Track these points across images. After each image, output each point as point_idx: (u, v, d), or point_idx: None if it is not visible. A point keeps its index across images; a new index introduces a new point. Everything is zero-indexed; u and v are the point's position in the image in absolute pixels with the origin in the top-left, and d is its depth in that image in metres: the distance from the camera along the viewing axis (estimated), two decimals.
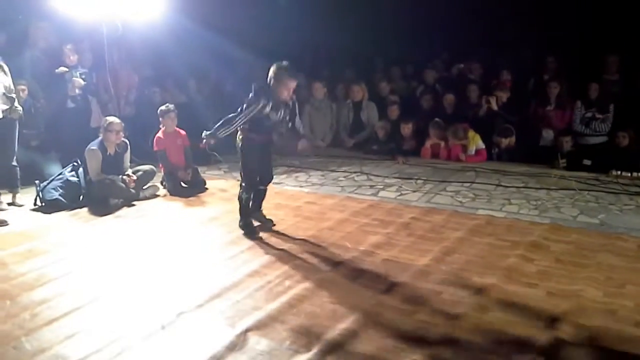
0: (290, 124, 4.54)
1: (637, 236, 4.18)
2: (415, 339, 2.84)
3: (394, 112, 7.57)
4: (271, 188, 5.90)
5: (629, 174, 5.83)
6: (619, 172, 5.91)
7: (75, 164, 5.73)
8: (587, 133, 6.74)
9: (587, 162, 6.29)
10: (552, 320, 2.96)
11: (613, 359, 2.63)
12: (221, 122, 4.37)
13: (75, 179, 5.60)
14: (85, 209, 5.31)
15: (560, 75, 7.31)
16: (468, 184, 5.81)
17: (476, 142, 6.87)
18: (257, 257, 3.96)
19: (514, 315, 3.05)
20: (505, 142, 6.79)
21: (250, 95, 4.35)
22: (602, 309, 3.10)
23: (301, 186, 6.02)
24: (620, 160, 6.04)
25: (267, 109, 4.28)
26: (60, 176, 5.58)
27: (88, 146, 5.49)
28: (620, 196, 5.25)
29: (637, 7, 7.29)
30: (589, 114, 6.74)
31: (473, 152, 6.87)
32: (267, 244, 4.23)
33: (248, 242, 4.27)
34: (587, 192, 5.38)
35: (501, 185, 5.71)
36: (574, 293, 3.27)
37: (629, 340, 2.78)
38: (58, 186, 5.44)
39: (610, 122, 6.68)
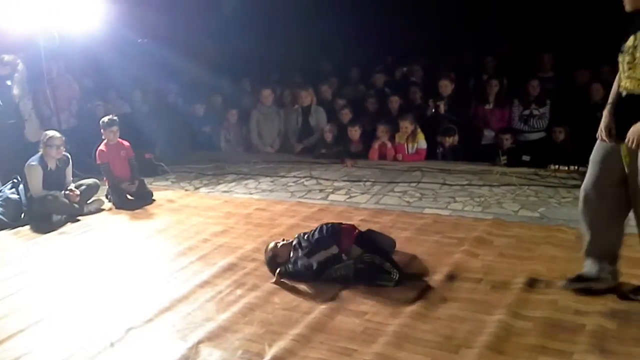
0: None
1: (576, 227, 4.34)
2: (366, 339, 2.88)
3: (346, 115, 7.64)
4: (220, 196, 5.92)
5: (566, 168, 6.07)
6: (556, 167, 6.15)
7: (15, 180, 5.55)
8: (526, 130, 6.99)
9: (526, 158, 6.51)
10: (497, 313, 3.06)
11: (556, 346, 2.74)
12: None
13: (15, 196, 5.43)
14: (27, 227, 5.14)
15: (499, 74, 7.55)
16: (415, 184, 5.93)
17: (419, 141, 7.01)
18: (208, 268, 3.93)
19: (462, 310, 3.14)
20: (449, 141, 6.96)
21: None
22: (544, 299, 3.22)
23: (251, 193, 6.01)
24: (558, 155, 6.29)
25: None
26: (0, 194, 5.39)
27: (28, 162, 5.33)
28: (558, 189, 5.46)
29: (568, 5, 7.61)
30: (527, 112, 6.99)
31: (414, 151, 7.02)
32: (218, 254, 4.20)
33: (198, 253, 4.23)
34: (527, 187, 5.58)
35: (446, 184, 5.85)
36: (517, 285, 3.39)
37: (566, 328, 2.89)
38: None
39: (547, 119, 6.95)
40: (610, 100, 3.13)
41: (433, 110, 7.26)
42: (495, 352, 2.71)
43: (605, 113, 3.09)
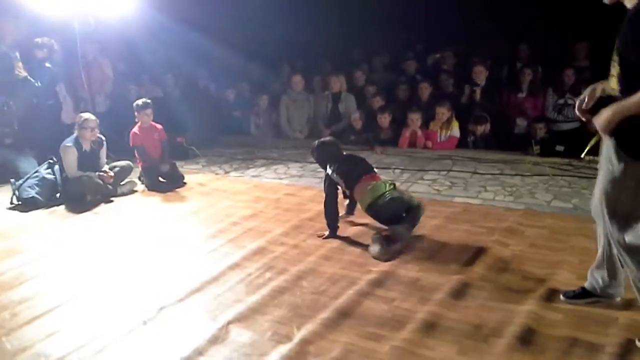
0: None
1: None
2: (395, 326, 2.89)
3: (377, 102, 7.61)
4: (250, 181, 5.97)
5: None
6: (591, 157, 6.01)
7: (51, 161, 5.68)
8: (560, 119, 6.86)
9: (560, 148, 6.39)
10: (527, 303, 3.03)
11: (587, 338, 2.70)
12: None
13: (51, 176, 5.55)
14: (62, 207, 5.27)
15: (533, 62, 7.41)
16: (445, 172, 5.88)
17: (452, 129, 6.94)
18: (238, 250, 3.98)
19: (491, 300, 3.12)
20: (480, 129, 6.87)
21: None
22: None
23: (280, 178, 6.04)
24: (592, 146, 6.15)
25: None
26: (36, 174, 5.53)
27: (63, 143, 5.45)
28: (592, 180, 5.30)
29: None
30: (562, 101, 6.85)
31: (446, 139, 6.95)
32: (247, 237, 4.25)
33: (228, 236, 4.29)
34: (560, 177, 5.49)
35: (477, 173, 5.79)
36: (548, 277, 3.35)
37: (598, 321, 2.85)
38: (34, 184, 5.39)
39: None
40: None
41: (468, 97, 7.15)
42: (525, 343, 2.69)
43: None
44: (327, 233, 4.20)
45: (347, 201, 4.57)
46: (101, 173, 5.50)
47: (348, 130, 7.71)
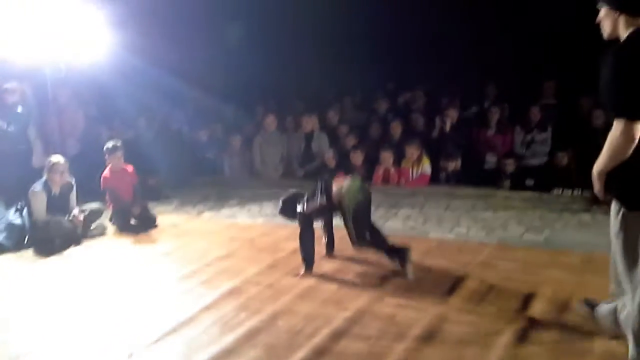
0: None
1: (581, 251, 4.34)
2: None
3: (350, 141, 7.69)
4: (224, 221, 5.92)
5: (570, 192, 6.08)
6: (560, 191, 6.16)
7: (19, 205, 5.55)
8: (528, 155, 7.02)
9: (529, 182, 6.53)
10: (504, 337, 3.03)
11: None
12: None
13: (19, 221, 5.42)
14: (30, 251, 5.13)
15: (500, 101, 7.62)
16: (418, 208, 5.92)
17: (424, 166, 7.03)
18: (212, 291, 3.91)
19: (468, 334, 3.11)
20: (452, 165, 6.97)
21: None
22: (553, 323, 3.19)
23: (254, 218, 6.00)
24: (561, 180, 6.30)
25: None
26: (4, 219, 5.40)
27: (32, 187, 5.34)
28: (563, 213, 5.45)
29: (570, 34, 7.69)
30: (529, 137, 7.03)
31: (418, 176, 7.03)
32: (222, 277, 4.18)
33: (201, 277, 4.22)
34: (531, 211, 5.57)
35: (450, 209, 5.84)
36: (523, 310, 3.36)
37: (574, 353, 2.86)
38: (1, 229, 5.25)
39: (549, 144, 6.98)
40: None
41: (439, 130, 7.28)
42: None
43: None
44: (302, 271, 4.16)
45: (325, 239, 4.55)
46: (71, 217, 5.40)
47: (322, 169, 7.74)
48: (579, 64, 7.40)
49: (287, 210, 4.53)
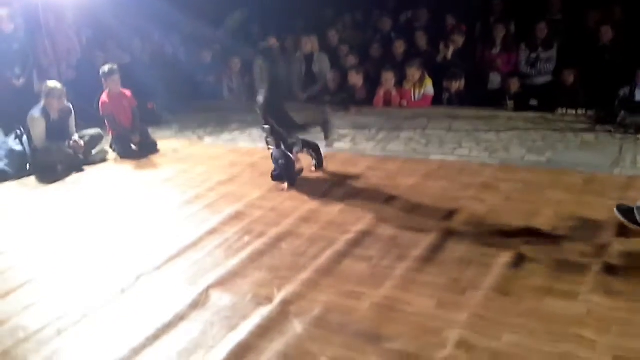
0: None
1: (583, 171, 4.33)
2: (374, 283, 2.91)
3: (350, 61, 7.52)
4: (224, 145, 5.90)
5: (574, 112, 6.00)
6: (564, 110, 6.08)
7: (18, 132, 5.52)
8: (533, 74, 6.87)
9: (533, 102, 6.42)
10: (503, 256, 3.08)
11: (561, 287, 2.77)
12: None
13: (19, 147, 5.41)
14: (32, 178, 5.15)
15: (506, 17, 7.37)
16: (420, 130, 5.88)
17: (426, 87, 6.91)
18: (215, 215, 3.95)
19: (468, 253, 3.16)
20: (455, 85, 6.85)
21: None
22: (550, 242, 3.23)
23: (255, 142, 5.97)
24: (566, 99, 6.20)
25: None
26: (4, 146, 5.38)
27: (30, 113, 5.29)
28: (566, 134, 5.40)
29: None
30: (534, 55, 6.85)
31: (421, 97, 6.93)
32: (224, 202, 4.22)
33: (204, 201, 4.25)
34: (534, 131, 5.52)
35: (452, 130, 5.80)
36: (523, 230, 3.40)
37: (572, 269, 2.92)
38: (2, 156, 5.25)
39: (555, 62, 6.81)
40: None
41: (444, 56, 7.10)
42: (501, 294, 2.74)
43: None
44: (285, 185, 4.32)
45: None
46: (72, 142, 5.38)
47: (324, 92, 7.63)
48: None
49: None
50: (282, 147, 4.51)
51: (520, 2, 7.68)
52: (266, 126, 4.62)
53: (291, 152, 4.54)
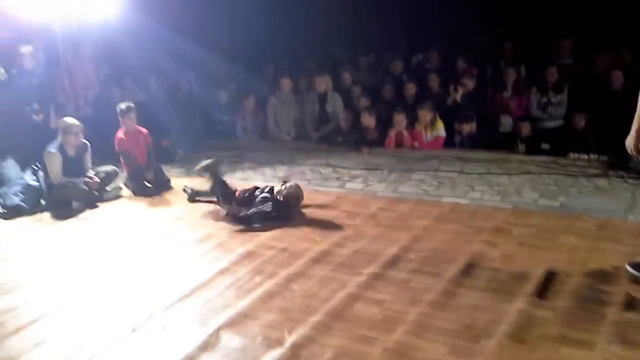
0: None
1: (596, 216, 4.31)
2: (386, 328, 2.88)
3: (363, 102, 7.61)
4: (238, 184, 5.93)
5: (586, 156, 6.01)
6: (576, 155, 6.09)
7: (35, 167, 5.60)
8: (544, 118, 6.91)
9: (545, 146, 6.45)
10: (517, 302, 3.04)
11: (577, 336, 2.72)
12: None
13: (36, 183, 5.47)
14: (47, 214, 5.19)
15: (517, 61, 7.46)
16: (432, 172, 5.89)
17: (438, 129, 6.96)
18: (226, 255, 3.95)
19: (481, 299, 3.13)
20: (466, 128, 6.90)
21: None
22: (566, 289, 3.20)
23: (267, 181, 6.00)
24: (577, 143, 6.21)
25: None
26: (21, 181, 5.45)
27: (47, 148, 5.37)
28: (578, 178, 5.40)
29: None
30: (545, 99, 6.91)
31: (432, 139, 6.97)
32: (236, 241, 4.22)
33: (216, 240, 4.26)
34: (546, 175, 5.52)
35: (464, 172, 5.81)
36: (537, 275, 3.37)
37: (587, 318, 2.88)
38: (19, 191, 5.31)
39: (565, 106, 6.86)
40: None
41: (454, 99, 7.16)
42: (516, 342, 2.70)
43: None
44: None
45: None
46: (86, 179, 5.44)
47: (336, 132, 7.71)
48: (596, 21, 7.24)
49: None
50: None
51: (531, 47, 7.81)
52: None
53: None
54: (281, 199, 4.76)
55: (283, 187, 4.86)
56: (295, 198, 4.82)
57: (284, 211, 4.70)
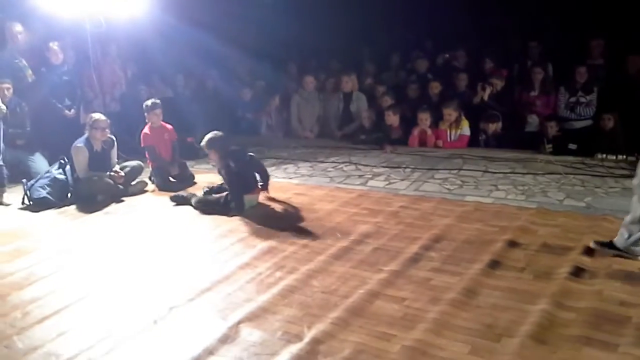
0: None
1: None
2: (406, 325, 2.87)
3: (386, 102, 7.59)
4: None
5: (614, 157, 5.89)
6: (604, 156, 5.97)
7: (62, 161, 5.70)
8: (572, 118, 6.80)
9: (572, 146, 6.34)
10: (540, 302, 3.00)
11: (600, 337, 2.67)
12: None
13: (62, 176, 5.57)
14: (73, 207, 5.28)
15: (544, 60, 7.35)
16: (456, 171, 5.84)
17: (462, 128, 6.90)
18: (248, 249, 3.97)
19: (503, 299, 3.09)
20: (492, 127, 6.83)
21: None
22: (589, 290, 3.14)
23: (290, 178, 6.03)
24: (605, 144, 6.10)
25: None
26: (48, 174, 5.55)
27: (74, 143, 5.46)
28: (605, 179, 5.30)
29: None
30: (574, 99, 6.79)
31: (457, 138, 6.91)
32: (258, 236, 4.24)
33: (238, 235, 4.29)
34: (573, 176, 5.43)
35: (488, 172, 5.75)
36: (560, 276, 3.31)
37: (612, 320, 2.82)
38: (45, 184, 5.41)
39: (595, 106, 6.74)
40: None
41: (480, 99, 7.08)
42: (538, 342, 2.66)
43: None
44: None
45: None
46: (112, 173, 5.52)
47: (358, 130, 7.70)
48: (628, 21, 7.09)
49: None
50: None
51: (559, 46, 7.68)
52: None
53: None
54: None
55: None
56: None
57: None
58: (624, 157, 5.81)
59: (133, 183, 5.76)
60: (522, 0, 8.17)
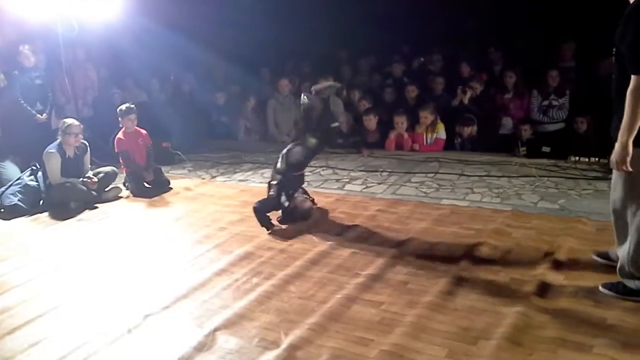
0: None
1: (596, 219, 4.28)
2: (383, 330, 2.87)
3: (363, 105, 7.60)
4: (237, 185, 5.93)
5: (587, 159, 5.97)
6: (577, 158, 6.05)
7: (34, 167, 5.60)
8: (545, 121, 6.88)
9: (546, 149, 6.41)
10: (516, 305, 3.02)
11: (575, 339, 2.70)
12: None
13: (34, 183, 5.48)
14: (45, 214, 5.19)
15: (516, 64, 7.43)
16: (432, 175, 5.88)
17: (438, 131, 6.94)
18: (224, 256, 3.94)
19: (479, 302, 3.11)
20: (467, 131, 6.88)
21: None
22: (564, 292, 3.17)
23: (265, 181, 5.99)
24: (578, 146, 6.18)
25: None
26: (19, 181, 5.45)
27: (46, 149, 5.37)
28: (579, 181, 5.38)
29: None
30: (546, 102, 6.88)
31: (433, 141, 6.95)
32: (234, 242, 4.21)
33: (214, 241, 4.25)
34: (547, 178, 5.49)
35: (464, 175, 5.79)
36: (536, 277, 3.35)
37: (586, 321, 2.85)
38: (17, 191, 5.32)
39: (567, 109, 6.83)
40: None
41: (460, 102, 7.13)
42: (514, 344, 2.68)
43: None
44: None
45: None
46: (85, 179, 5.43)
47: (336, 134, 7.68)
48: (598, 24, 7.20)
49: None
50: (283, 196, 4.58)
51: (527, 50, 7.76)
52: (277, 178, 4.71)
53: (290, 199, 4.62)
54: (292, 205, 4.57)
55: (301, 197, 4.69)
56: (300, 215, 4.54)
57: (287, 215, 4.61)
58: (597, 159, 5.89)
59: (107, 189, 5.68)
60: (495, 4, 8.24)
